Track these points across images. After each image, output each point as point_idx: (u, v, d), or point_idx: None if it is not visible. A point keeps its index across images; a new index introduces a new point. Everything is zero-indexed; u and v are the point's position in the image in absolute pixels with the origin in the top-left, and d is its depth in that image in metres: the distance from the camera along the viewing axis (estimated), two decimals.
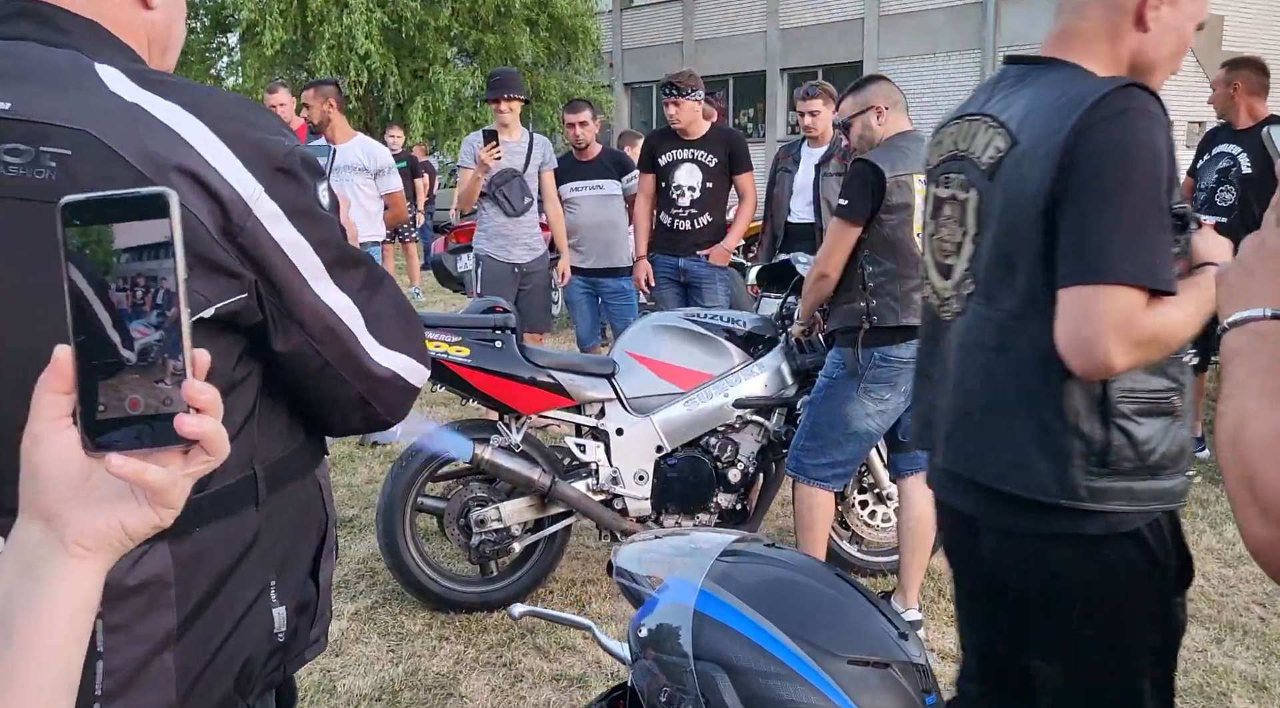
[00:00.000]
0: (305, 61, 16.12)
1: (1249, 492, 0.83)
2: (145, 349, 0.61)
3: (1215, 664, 3.10)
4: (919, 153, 3.17)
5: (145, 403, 0.61)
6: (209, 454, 0.63)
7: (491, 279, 5.25)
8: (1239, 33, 15.65)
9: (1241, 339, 0.90)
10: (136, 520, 0.63)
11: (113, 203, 0.61)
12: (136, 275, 0.61)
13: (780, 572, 1.03)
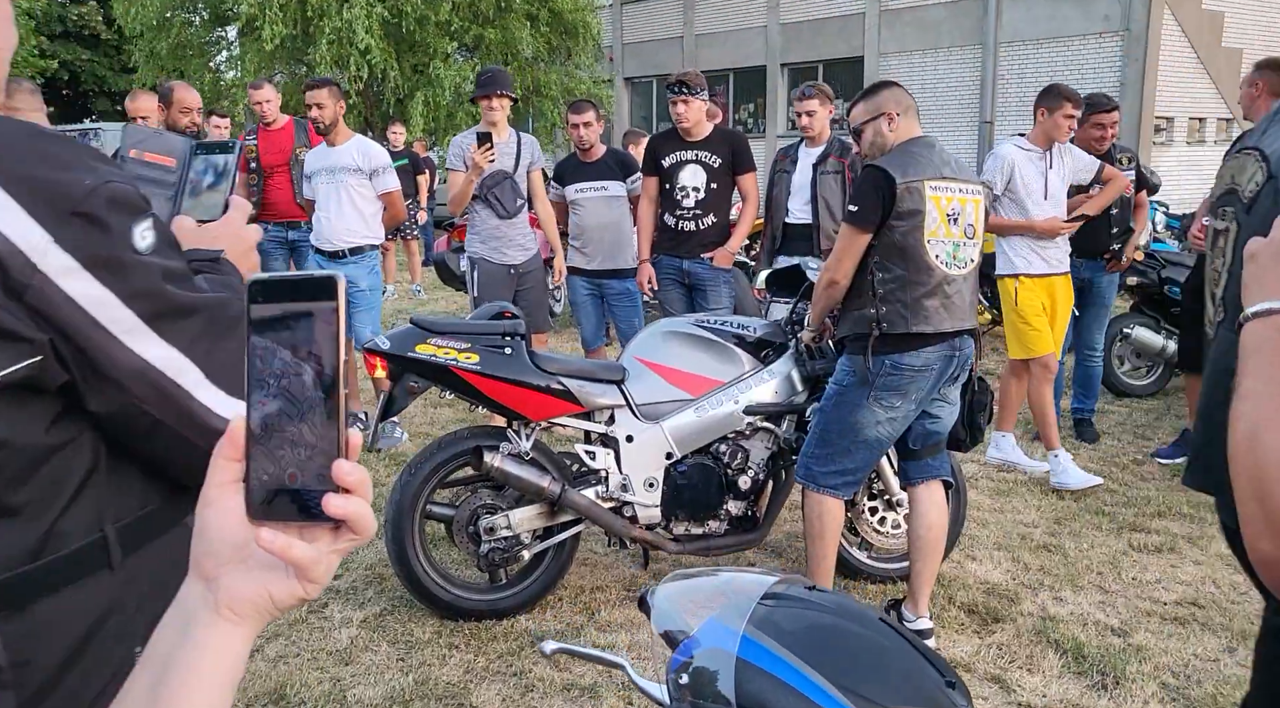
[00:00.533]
0: (305, 56, 16.04)
1: (1260, 505, 0.81)
2: (306, 425, 0.64)
3: (1228, 675, 3.10)
4: (930, 159, 3.15)
5: (302, 478, 0.64)
6: (356, 534, 0.65)
7: (488, 282, 5.23)
8: (1239, 29, 15.61)
9: (1264, 333, 0.88)
10: (283, 592, 0.66)
11: (292, 283, 0.64)
12: (304, 352, 0.64)
13: (824, 618, 1.01)
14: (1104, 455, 5.28)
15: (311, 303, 0.64)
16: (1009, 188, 4.78)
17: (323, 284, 0.64)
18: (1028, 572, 3.85)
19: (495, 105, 5.04)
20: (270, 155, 6.02)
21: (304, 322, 0.64)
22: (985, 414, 3.44)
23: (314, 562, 0.65)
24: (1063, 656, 3.22)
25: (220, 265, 1.14)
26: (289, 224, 6.10)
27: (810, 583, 1.11)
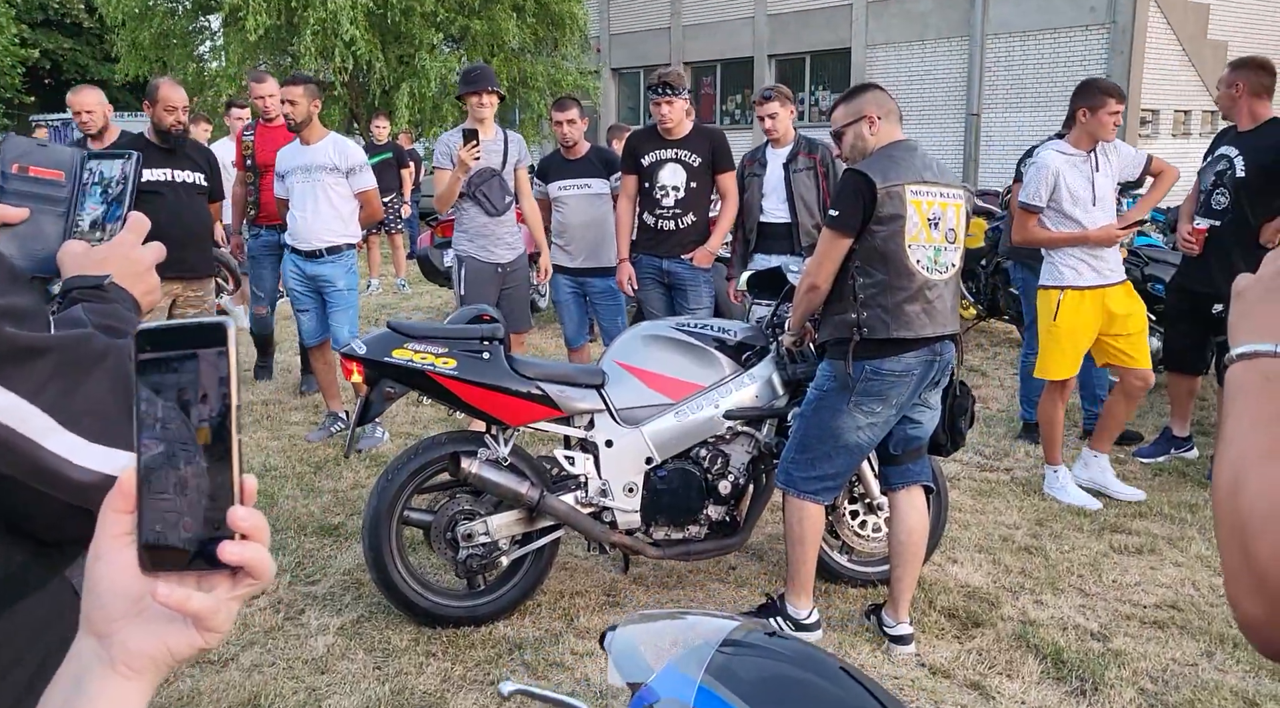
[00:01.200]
0: (289, 47, 15.89)
1: (1243, 559, 0.79)
2: (199, 474, 0.63)
3: (1206, 680, 3.10)
4: (911, 163, 3.13)
5: (196, 527, 0.64)
6: (255, 579, 0.65)
7: (475, 280, 5.20)
8: (1224, 21, 15.63)
9: (1249, 376, 0.86)
10: (182, 644, 0.65)
11: (179, 331, 0.64)
12: (193, 401, 0.63)
13: (782, 668, 0.99)
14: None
15: (201, 349, 0.63)
16: (1054, 198, 4.42)
17: (212, 330, 0.63)
18: (1009, 575, 3.85)
19: (484, 102, 5.01)
20: (266, 153, 5.83)
21: (194, 369, 0.63)
22: (966, 419, 3.42)
23: (213, 612, 0.64)
24: (1042, 661, 3.22)
25: (106, 292, 1.07)
26: (283, 228, 5.75)
27: (771, 629, 1.08)
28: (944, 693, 3.04)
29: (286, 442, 5.50)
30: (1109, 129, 4.37)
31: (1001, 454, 5.30)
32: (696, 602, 3.65)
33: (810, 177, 5.08)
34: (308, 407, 6.16)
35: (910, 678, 3.13)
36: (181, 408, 0.63)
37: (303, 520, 4.37)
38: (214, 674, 3.14)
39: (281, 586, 3.76)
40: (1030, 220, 4.51)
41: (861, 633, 3.42)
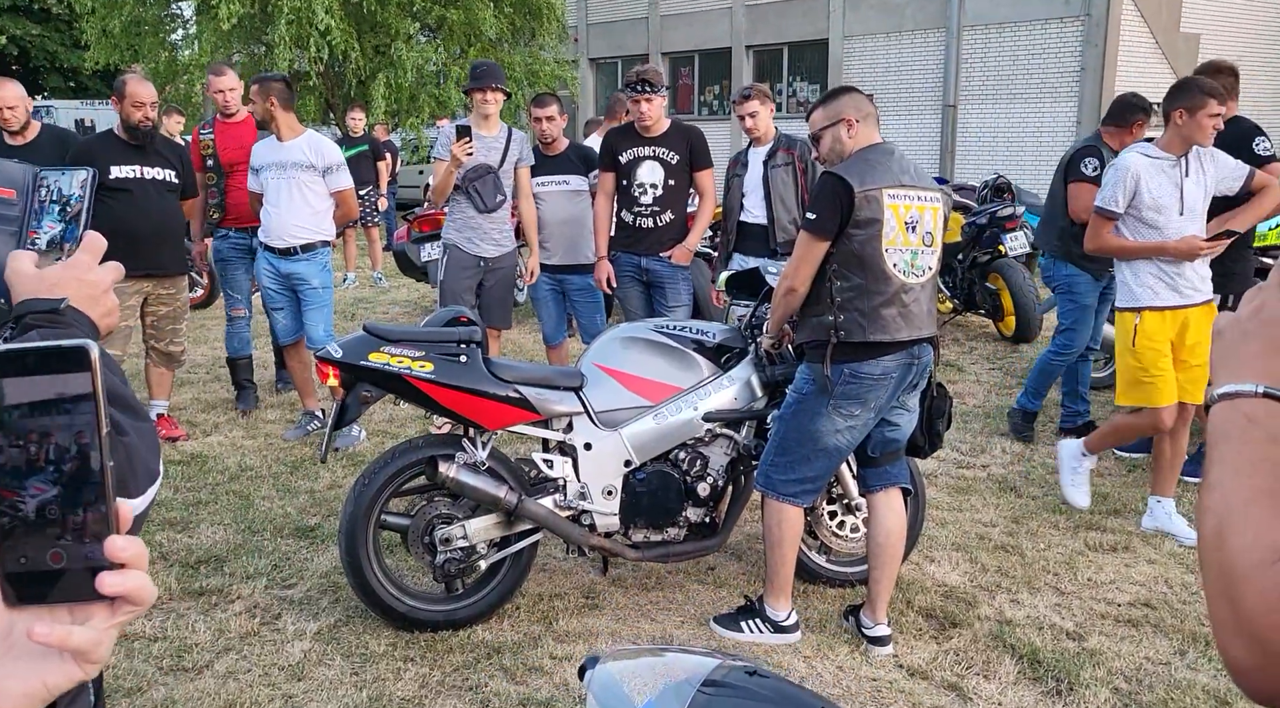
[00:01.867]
0: (264, 36, 15.71)
1: (1230, 606, 0.79)
2: (66, 504, 0.61)
3: (1179, 679, 3.13)
4: (889, 167, 3.13)
5: (68, 557, 0.61)
6: (135, 605, 0.62)
7: (455, 268, 5.22)
8: (1196, 14, 15.74)
9: (1231, 419, 0.86)
10: (59, 678, 0.62)
11: (31, 355, 0.61)
12: (56, 429, 0.61)
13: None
14: None
15: (63, 375, 0.61)
16: (1133, 205, 4.05)
17: (73, 354, 0.61)
18: (985, 574, 3.87)
19: (488, 98, 5.05)
20: (230, 151, 5.65)
21: (55, 394, 0.60)
22: (944, 421, 3.44)
23: (96, 644, 0.61)
24: (1019, 661, 3.24)
25: (62, 316, 1.03)
26: (253, 229, 5.61)
27: (752, 667, 1.08)
28: (921, 695, 3.06)
29: (262, 441, 5.45)
30: (1207, 134, 3.97)
31: (978, 451, 5.33)
32: (675, 604, 3.65)
33: (788, 173, 5.08)
34: (283, 405, 6.11)
35: (888, 680, 3.14)
36: (42, 435, 0.60)
37: (279, 522, 4.33)
38: (188, 682, 3.11)
39: (257, 590, 3.73)
40: (1105, 227, 4.15)
41: (840, 634, 3.43)
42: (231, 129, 5.72)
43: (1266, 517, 0.79)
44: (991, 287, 7.68)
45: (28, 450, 0.60)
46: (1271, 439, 0.83)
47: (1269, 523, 0.78)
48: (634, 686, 1.02)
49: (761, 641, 3.35)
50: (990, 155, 15.85)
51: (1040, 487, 4.79)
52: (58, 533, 0.61)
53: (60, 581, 0.61)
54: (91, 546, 0.61)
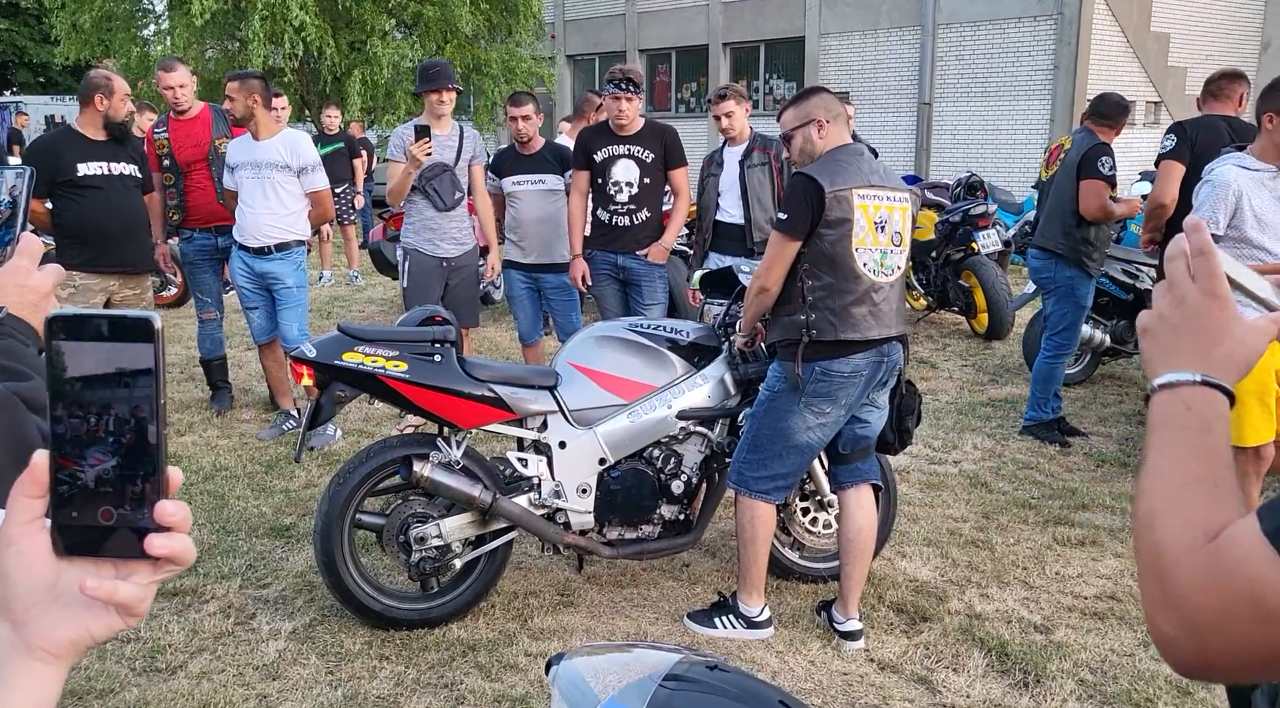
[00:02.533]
0: (237, 32, 15.59)
1: (1159, 584, 0.82)
2: (121, 465, 0.63)
3: (1143, 670, 3.19)
4: (859, 167, 3.17)
5: (117, 515, 0.64)
6: (177, 565, 0.65)
7: (419, 273, 5.22)
8: (1166, 14, 15.92)
9: (1170, 407, 0.90)
10: (102, 628, 0.65)
11: (101, 322, 0.63)
12: (116, 400, 0.63)
13: (722, 703, 1.01)
14: (1031, 445, 5.39)
15: (127, 344, 0.63)
16: (1233, 223, 3.66)
17: (138, 326, 0.63)
18: (956, 568, 3.93)
19: (444, 99, 5.06)
20: (185, 150, 5.51)
21: (119, 366, 0.63)
22: (914, 418, 3.48)
23: (139, 600, 0.65)
24: (987, 654, 3.30)
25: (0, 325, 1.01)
26: (217, 229, 5.55)
27: (713, 662, 1.11)
28: (892, 688, 3.11)
29: (237, 441, 5.44)
30: None
31: (950, 447, 5.39)
32: (649, 601, 3.68)
33: (765, 172, 5.12)
34: (259, 405, 6.09)
35: (859, 674, 3.19)
36: (104, 406, 0.63)
37: (254, 522, 4.33)
38: (162, 683, 3.11)
39: (232, 590, 3.73)
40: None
41: (812, 629, 3.47)
42: (185, 127, 5.53)
43: (1200, 502, 0.83)
44: (964, 284, 7.75)
45: (88, 421, 0.63)
46: (1206, 427, 0.87)
47: (1202, 508, 0.82)
48: (598, 681, 1.05)
49: (735, 636, 3.39)
50: (965, 153, 15.97)
51: (1010, 482, 4.85)
52: (109, 491, 0.63)
53: (109, 537, 0.64)
54: (142, 508, 0.64)
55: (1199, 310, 0.90)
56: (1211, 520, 0.80)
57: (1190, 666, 0.81)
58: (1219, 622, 0.76)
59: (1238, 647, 0.76)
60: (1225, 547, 0.77)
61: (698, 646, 3.35)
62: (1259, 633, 0.74)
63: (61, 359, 0.63)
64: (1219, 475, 0.84)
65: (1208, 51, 16.50)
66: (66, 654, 0.65)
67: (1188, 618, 0.79)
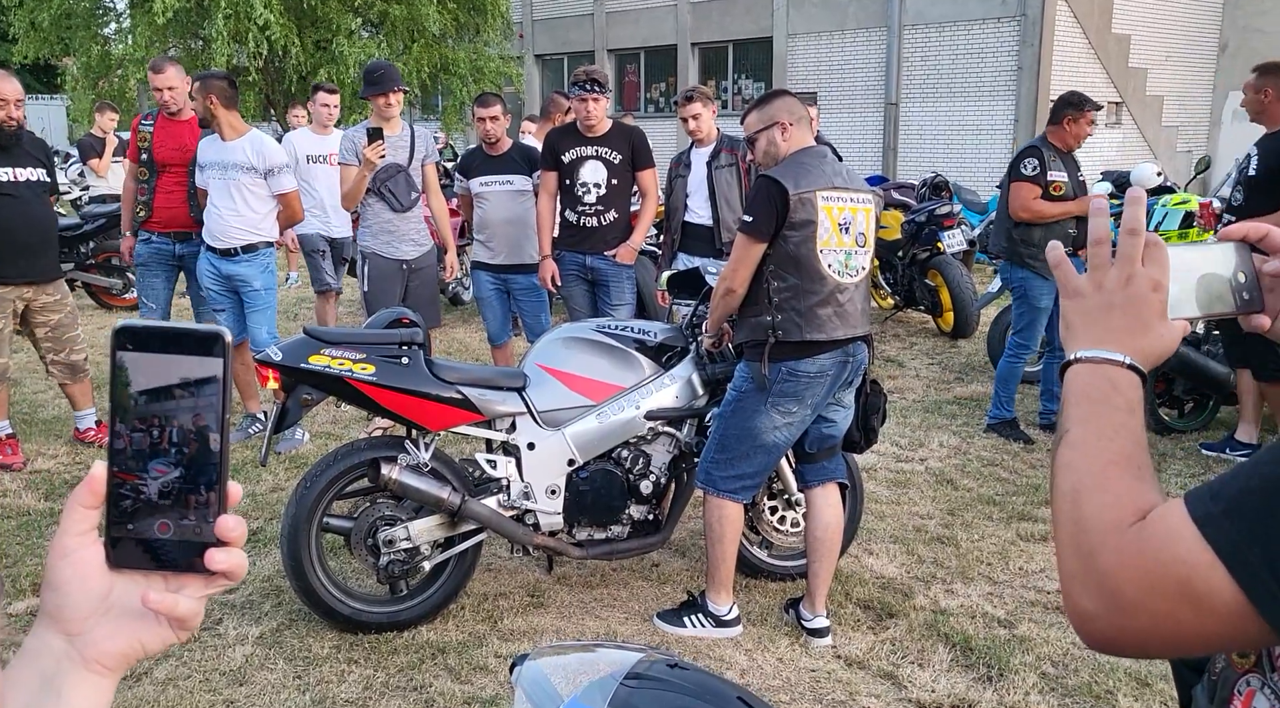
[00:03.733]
0: (201, 30, 15.43)
1: (1082, 562, 0.82)
2: (181, 478, 0.63)
3: (1103, 663, 3.25)
4: (822, 169, 3.20)
5: (175, 529, 0.64)
6: (231, 580, 0.66)
7: (379, 276, 5.21)
8: (1127, 15, 16.15)
9: (1095, 382, 0.89)
10: (155, 641, 0.66)
11: (170, 334, 0.63)
12: (183, 407, 0.63)
13: (682, 700, 1.03)
14: (996, 443, 5.46)
15: (196, 358, 0.63)
16: None
17: (208, 339, 0.63)
18: (921, 565, 3.98)
19: (391, 102, 5.03)
20: (166, 151, 5.35)
21: (186, 378, 0.63)
22: (879, 417, 3.52)
23: (195, 614, 0.65)
24: (952, 649, 3.34)
25: None
26: (178, 235, 5.38)
27: (673, 660, 1.12)
28: (859, 684, 3.14)
29: None
30: None
31: (917, 444, 5.45)
32: (619, 601, 3.70)
33: (732, 173, 5.14)
34: None
35: (827, 670, 3.22)
36: (169, 418, 0.63)
37: None
38: (126, 689, 3.08)
39: None
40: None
41: (780, 627, 3.50)
42: (173, 128, 5.41)
43: (1127, 481, 0.84)
44: (930, 283, 7.83)
45: (152, 434, 0.63)
46: (1130, 409, 0.88)
47: (1129, 487, 0.83)
48: (561, 680, 1.06)
49: (704, 635, 3.41)
50: (931, 152, 16.12)
51: (975, 479, 4.92)
52: (168, 505, 0.63)
53: (165, 549, 0.64)
54: (200, 522, 0.64)
55: (1139, 297, 0.90)
56: (1139, 500, 0.82)
57: (1105, 640, 0.83)
58: (1143, 602, 0.77)
59: (1157, 626, 0.78)
60: (1154, 528, 0.79)
61: (667, 645, 3.37)
62: (1180, 614, 0.76)
63: (127, 371, 0.63)
64: (1142, 459, 0.85)
65: (1166, 53, 16.78)
66: (119, 667, 0.66)
67: (1110, 596, 0.80)
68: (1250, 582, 0.73)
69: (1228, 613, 0.74)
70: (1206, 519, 0.76)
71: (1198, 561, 0.75)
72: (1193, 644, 0.80)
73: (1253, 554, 0.73)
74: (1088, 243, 0.95)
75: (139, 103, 18.48)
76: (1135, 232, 0.91)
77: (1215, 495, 0.77)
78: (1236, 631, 0.75)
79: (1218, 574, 0.74)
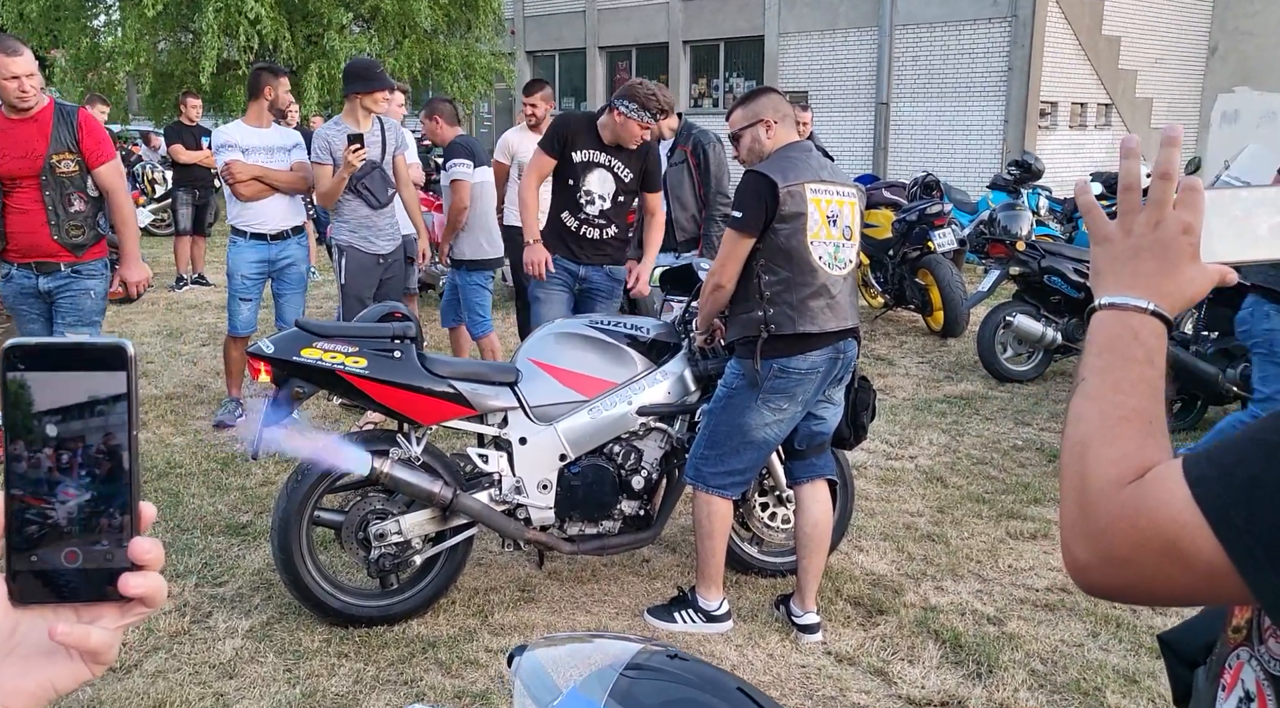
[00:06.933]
0: (190, 24, 15.34)
1: (1081, 512, 0.84)
2: (88, 503, 0.59)
3: (1091, 659, 3.27)
4: (809, 163, 3.23)
5: (84, 557, 0.60)
6: (149, 606, 0.61)
7: (357, 270, 5.24)
8: (1117, 17, 16.23)
9: (1117, 332, 0.89)
10: (68, 678, 0.61)
11: (65, 350, 0.59)
12: (84, 427, 0.59)
13: (682, 691, 1.04)
14: (986, 441, 5.48)
15: (98, 373, 0.59)
16: None
17: (109, 353, 0.59)
18: (912, 562, 3.99)
19: (385, 99, 5.08)
20: (10, 161, 4.11)
21: (91, 396, 0.59)
22: (868, 413, 3.54)
23: (109, 646, 0.61)
24: (942, 646, 3.36)
25: None
26: (39, 266, 4.25)
27: (673, 651, 1.13)
28: (849, 681, 3.15)
29: (192, 437, 5.37)
30: None
31: (907, 442, 5.47)
32: (610, 596, 3.70)
33: (683, 171, 5.12)
34: (212, 402, 6.01)
35: (817, 667, 3.23)
36: (75, 438, 0.59)
37: (209, 520, 4.28)
38: (116, 683, 3.06)
39: (188, 588, 3.68)
40: None
41: (771, 623, 3.51)
42: (18, 130, 4.11)
43: (1134, 438, 0.85)
44: (920, 282, 7.86)
45: (59, 456, 0.59)
46: (1149, 360, 0.87)
47: (1135, 445, 0.84)
48: (560, 672, 1.06)
49: (694, 630, 3.42)
50: (922, 152, 16.16)
51: (965, 477, 4.94)
52: (75, 532, 0.59)
53: (74, 579, 0.60)
54: (112, 547, 0.60)
55: (1169, 241, 0.89)
56: (1142, 459, 0.83)
57: (1095, 587, 0.85)
58: (1133, 557, 0.80)
59: (1144, 579, 0.80)
60: (1149, 487, 0.80)
61: (657, 640, 3.38)
62: (1167, 569, 0.78)
63: (23, 391, 0.58)
64: (1154, 413, 0.86)
65: (1157, 54, 16.86)
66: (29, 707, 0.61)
67: (1103, 549, 0.82)
68: (1233, 543, 0.75)
69: (1211, 571, 0.76)
70: (1198, 481, 0.78)
71: (1186, 521, 0.77)
72: (1176, 597, 0.83)
73: (1238, 517, 0.75)
74: (1118, 188, 0.94)
75: (127, 97, 18.39)
76: (1167, 176, 0.89)
77: (1210, 459, 0.79)
78: (1218, 588, 0.77)
79: (1204, 534, 0.76)
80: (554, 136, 4.69)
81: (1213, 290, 0.93)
